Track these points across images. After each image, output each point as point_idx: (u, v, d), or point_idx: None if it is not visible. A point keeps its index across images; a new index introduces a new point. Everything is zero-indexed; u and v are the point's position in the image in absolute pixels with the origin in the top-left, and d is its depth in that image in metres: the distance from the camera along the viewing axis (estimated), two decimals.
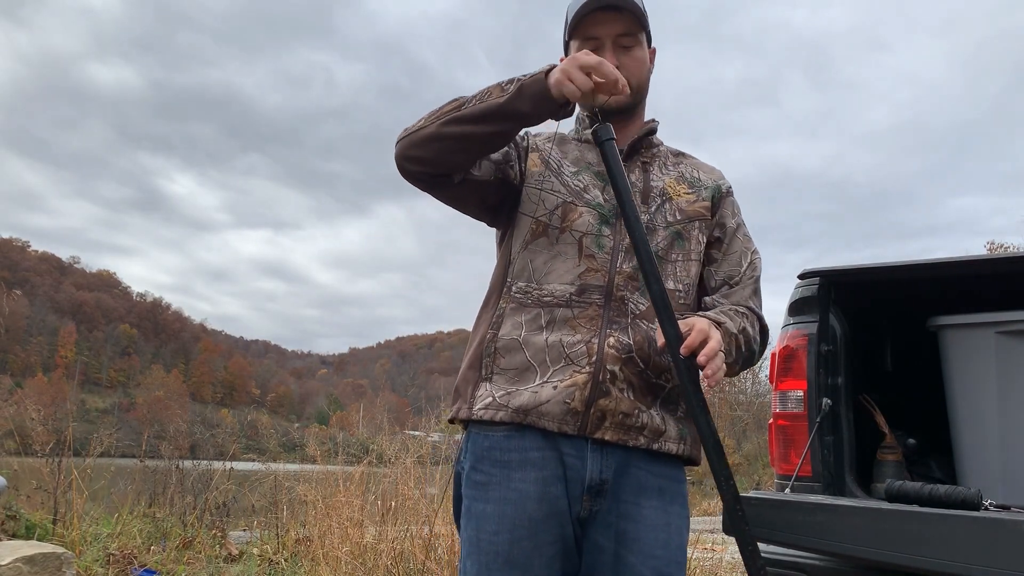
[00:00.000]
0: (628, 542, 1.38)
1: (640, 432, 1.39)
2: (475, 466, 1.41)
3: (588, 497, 1.38)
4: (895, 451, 2.52)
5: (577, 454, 1.38)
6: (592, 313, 1.40)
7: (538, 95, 1.31)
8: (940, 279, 2.54)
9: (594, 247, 1.43)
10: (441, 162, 1.40)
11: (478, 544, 1.37)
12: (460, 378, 1.49)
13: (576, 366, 1.37)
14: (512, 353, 1.41)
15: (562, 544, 1.37)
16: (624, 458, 1.40)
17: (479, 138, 1.38)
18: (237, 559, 5.35)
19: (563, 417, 1.36)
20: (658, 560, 1.38)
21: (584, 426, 1.36)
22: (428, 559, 4.46)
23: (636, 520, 1.39)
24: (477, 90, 1.39)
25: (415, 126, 1.41)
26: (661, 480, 1.43)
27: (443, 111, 1.39)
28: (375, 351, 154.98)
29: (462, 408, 1.45)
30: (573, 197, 1.47)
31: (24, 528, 5.00)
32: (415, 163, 1.41)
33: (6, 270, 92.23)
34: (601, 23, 1.46)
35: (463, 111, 1.36)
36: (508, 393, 1.39)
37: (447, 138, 1.37)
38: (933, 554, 1.66)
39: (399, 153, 1.43)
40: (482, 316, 1.51)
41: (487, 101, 1.35)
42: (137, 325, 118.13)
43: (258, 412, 51.25)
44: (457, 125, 1.36)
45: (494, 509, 1.36)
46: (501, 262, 1.53)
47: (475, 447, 1.42)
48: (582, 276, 1.42)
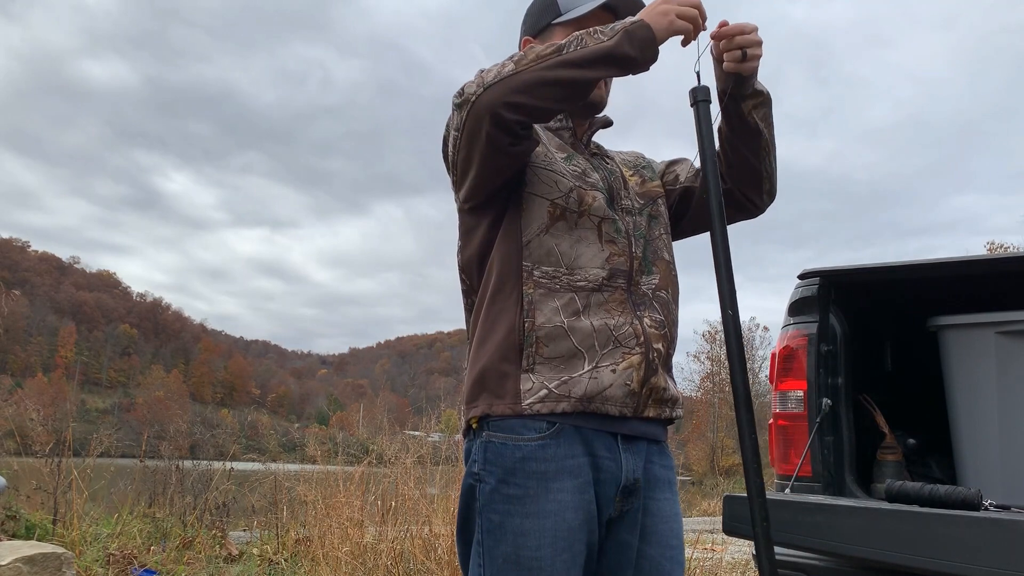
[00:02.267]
0: (648, 535, 1.41)
1: (667, 404, 1.44)
2: (506, 479, 1.32)
3: (621, 498, 1.38)
4: (895, 451, 2.52)
5: (611, 455, 1.37)
6: (619, 297, 1.40)
7: (646, 40, 1.31)
8: (940, 279, 2.54)
9: (612, 231, 1.43)
10: (545, 109, 1.34)
11: (518, 562, 1.30)
12: (486, 371, 1.38)
13: (625, 348, 1.36)
14: (557, 340, 1.35)
15: (587, 550, 1.36)
16: (646, 455, 1.43)
17: (585, 83, 1.33)
18: (237, 559, 5.34)
19: (624, 400, 1.36)
20: (674, 550, 1.43)
21: (639, 406, 1.38)
22: (428, 559, 4.46)
23: (653, 514, 1.43)
24: (552, 43, 1.35)
25: (507, 71, 1.31)
26: (668, 472, 1.48)
27: (542, 55, 1.31)
28: (375, 351, 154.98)
29: (496, 404, 1.35)
30: (579, 181, 1.45)
31: (24, 528, 5.00)
32: (516, 110, 1.30)
33: (6, 270, 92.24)
34: (602, 22, 1.44)
35: (566, 55, 1.30)
36: (564, 382, 1.33)
37: (555, 83, 1.30)
38: (933, 554, 1.66)
39: (495, 99, 1.29)
40: (499, 304, 1.40)
41: (590, 45, 1.31)
42: (137, 325, 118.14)
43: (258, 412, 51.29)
44: (565, 69, 1.30)
45: (533, 524, 1.31)
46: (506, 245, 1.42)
47: (501, 458, 1.33)
48: (609, 260, 1.41)
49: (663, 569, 1.41)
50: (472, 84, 1.33)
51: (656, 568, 1.41)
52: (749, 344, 37.43)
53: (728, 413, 35.20)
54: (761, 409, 24.04)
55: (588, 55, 1.30)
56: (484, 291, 1.44)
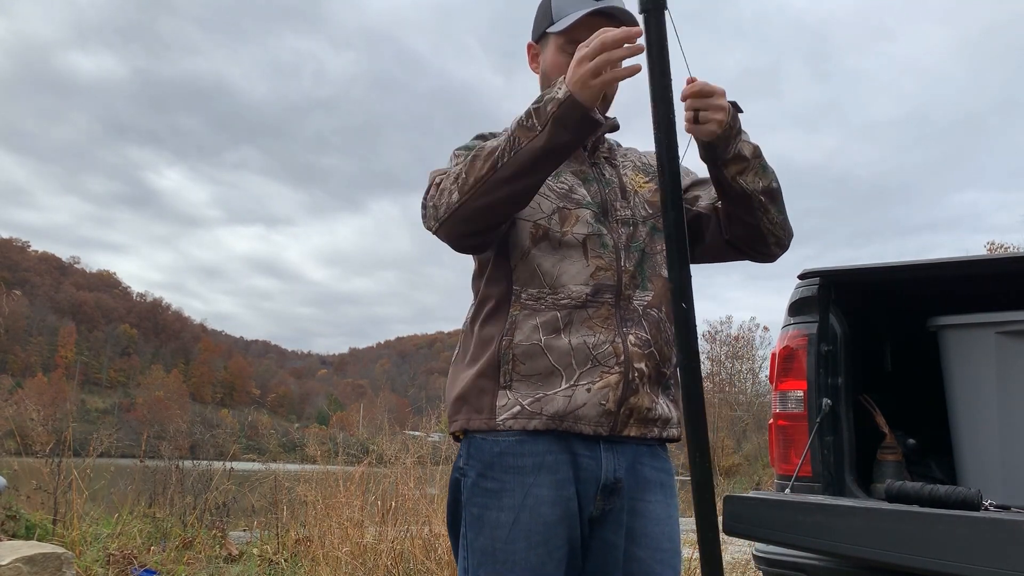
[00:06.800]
0: (637, 537, 1.40)
1: (655, 424, 1.42)
2: (484, 473, 1.37)
3: (601, 497, 1.39)
4: (895, 451, 2.52)
5: (591, 455, 1.38)
6: (605, 313, 1.39)
7: (577, 119, 1.23)
8: (940, 279, 2.54)
9: (599, 247, 1.42)
10: (498, 224, 1.36)
11: (494, 554, 1.34)
12: (467, 387, 1.42)
13: (604, 367, 1.36)
14: (534, 358, 1.37)
15: (569, 547, 1.37)
16: (633, 455, 1.42)
17: (531, 187, 1.31)
18: (237, 559, 5.34)
19: (599, 419, 1.36)
20: (665, 553, 1.41)
21: (615, 425, 1.37)
22: (428, 559, 4.46)
23: (644, 516, 1.41)
24: (492, 141, 1.31)
25: (454, 201, 1.31)
26: (661, 475, 1.46)
27: (480, 176, 1.29)
28: (375, 351, 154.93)
29: (474, 419, 1.39)
30: (564, 201, 1.44)
31: (24, 528, 5.00)
32: (473, 237, 1.36)
33: (6, 270, 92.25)
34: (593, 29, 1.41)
35: (503, 170, 1.27)
36: (538, 400, 1.36)
37: (498, 202, 1.30)
38: (933, 554, 1.66)
39: (450, 235, 1.35)
40: (487, 326, 1.44)
41: (524, 147, 1.25)
42: (137, 325, 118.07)
43: (258, 412, 51.30)
44: (505, 186, 1.28)
45: (508, 517, 1.34)
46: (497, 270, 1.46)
47: (481, 453, 1.38)
48: (594, 276, 1.40)
49: (653, 572, 1.40)
50: (428, 219, 1.38)
51: (646, 570, 1.40)
52: (749, 344, 37.54)
53: (728, 413, 35.23)
54: (761, 409, 23.95)
55: (525, 162, 1.26)
56: (478, 312, 1.47)
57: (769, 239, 1.47)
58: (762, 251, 1.50)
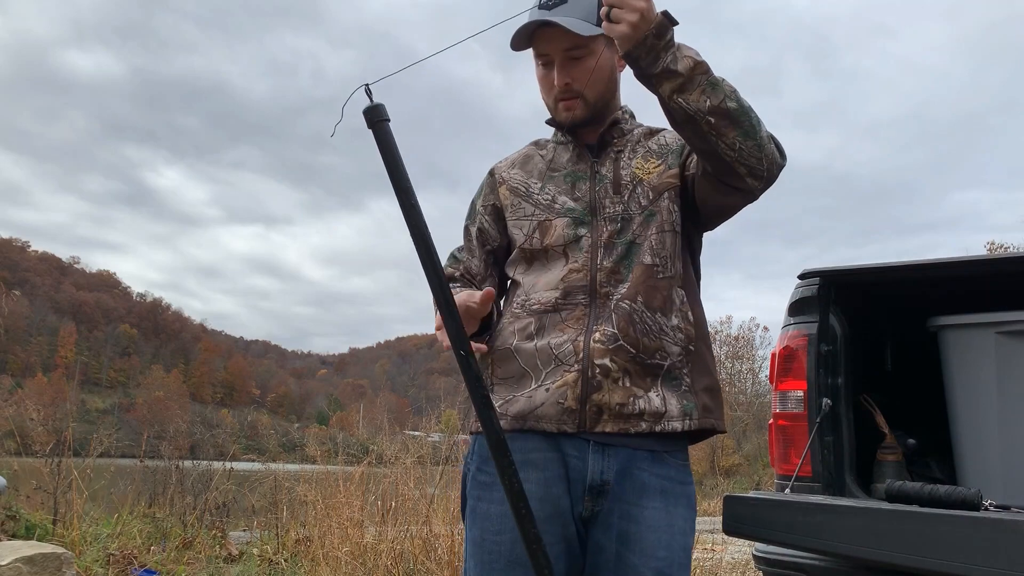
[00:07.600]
0: (630, 542, 1.38)
1: (640, 418, 1.38)
2: (480, 467, 1.45)
3: (589, 498, 1.39)
4: (895, 451, 2.52)
5: (579, 455, 1.39)
6: (579, 314, 1.42)
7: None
8: (940, 279, 2.54)
9: (576, 251, 1.46)
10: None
11: (481, 544, 1.40)
12: None
13: (565, 366, 1.39)
14: (507, 362, 1.45)
15: (565, 544, 1.38)
16: (627, 460, 1.40)
17: None
18: (237, 559, 5.35)
19: (560, 417, 1.38)
20: (660, 561, 1.37)
21: (583, 423, 1.38)
22: (428, 559, 4.46)
23: (638, 521, 1.38)
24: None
25: None
26: (664, 482, 1.42)
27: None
28: (375, 351, 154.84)
29: (473, 422, 1.50)
30: (545, 213, 1.50)
31: (24, 528, 5.00)
32: None
33: (6, 270, 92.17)
34: (547, 40, 1.46)
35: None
36: (507, 401, 1.43)
37: None
38: (933, 554, 1.66)
39: None
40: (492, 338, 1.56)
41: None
42: (137, 325, 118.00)
43: (258, 412, 51.22)
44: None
45: (497, 509, 1.39)
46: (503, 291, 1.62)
47: (481, 448, 1.46)
48: (565, 279, 1.45)
49: None
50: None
51: None
52: (749, 344, 37.47)
53: (729, 413, 35.19)
54: (761, 409, 23.94)
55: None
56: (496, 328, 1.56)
57: (737, 168, 1.31)
58: (734, 184, 1.35)
